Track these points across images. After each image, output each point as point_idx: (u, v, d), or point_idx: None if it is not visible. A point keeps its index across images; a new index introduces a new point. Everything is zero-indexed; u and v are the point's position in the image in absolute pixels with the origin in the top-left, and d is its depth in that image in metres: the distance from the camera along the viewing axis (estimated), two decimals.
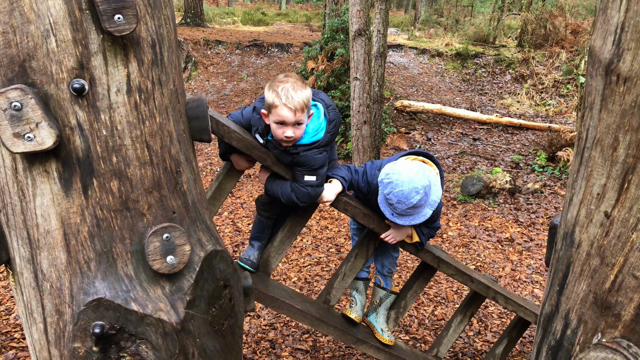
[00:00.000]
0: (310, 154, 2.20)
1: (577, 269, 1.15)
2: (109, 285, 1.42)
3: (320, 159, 2.23)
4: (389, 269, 2.95)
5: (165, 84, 1.49)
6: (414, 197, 2.28)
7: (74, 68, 1.28)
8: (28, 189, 1.35)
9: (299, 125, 2.13)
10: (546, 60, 13.07)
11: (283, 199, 2.28)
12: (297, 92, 2.08)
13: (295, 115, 2.08)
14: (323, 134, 2.23)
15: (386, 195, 2.33)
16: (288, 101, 2.05)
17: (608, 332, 1.10)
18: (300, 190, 2.25)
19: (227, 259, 1.69)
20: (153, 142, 1.45)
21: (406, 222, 2.37)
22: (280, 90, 2.07)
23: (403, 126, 9.96)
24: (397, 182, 2.29)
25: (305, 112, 2.12)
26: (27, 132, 1.24)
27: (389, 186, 2.31)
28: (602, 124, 1.03)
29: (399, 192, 2.28)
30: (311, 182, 2.24)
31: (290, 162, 2.25)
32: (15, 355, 2.99)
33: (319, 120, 2.24)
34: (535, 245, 5.49)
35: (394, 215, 2.36)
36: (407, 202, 2.29)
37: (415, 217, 2.36)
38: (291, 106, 2.06)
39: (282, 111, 2.07)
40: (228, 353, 1.70)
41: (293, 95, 2.06)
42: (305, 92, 2.11)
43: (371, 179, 2.51)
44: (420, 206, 2.33)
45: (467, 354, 3.67)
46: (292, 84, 2.09)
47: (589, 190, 1.09)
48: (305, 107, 2.10)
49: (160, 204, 1.49)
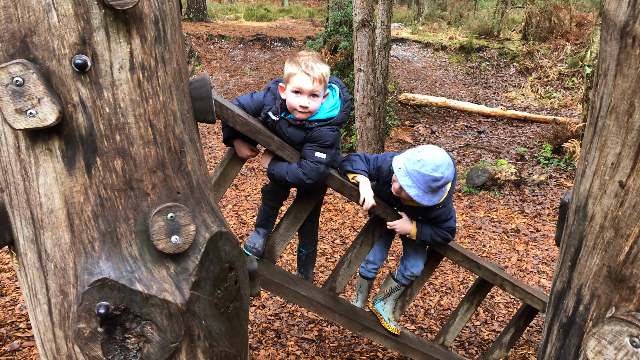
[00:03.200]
0: (324, 129, 2.25)
1: (590, 242, 1.13)
2: (114, 266, 1.40)
3: (333, 136, 2.27)
4: (410, 272, 2.83)
5: (169, 62, 1.47)
6: (445, 170, 2.26)
7: (76, 44, 1.26)
8: (31, 167, 1.34)
9: (315, 97, 2.19)
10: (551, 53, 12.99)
11: (289, 177, 2.26)
12: (317, 63, 2.17)
13: (312, 84, 2.15)
14: (338, 111, 2.29)
15: (418, 171, 2.26)
16: (307, 69, 2.14)
17: (622, 306, 1.07)
18: (309, 166, 2.23)
19: (232, 241, 1.67)
20: (157, 121, 1.44)
21: (429, 200, 2.31)
22: (301, 60, 2.16)
23: (407, 119, 9.92)
24: (426, 156, 2.28)
25: (322, 85, 2.19)
26: (29, 108, 1.22)
27: (421, 162, 2.27)
28: (617, 90, 1.00)
29: (431, 164, 2.25)
30: (321, 159, 2.24)
31: (303, 139, 2.26)
32: (21, 344, 2.99)
33: (334, 98, 2.31)
34: (542, 236, 5.45)
35: (421, 193, 2.29)
36: (438, 175, 2.25)
37: (439, 194, 2.34)
38: (310, 73, 2.14)
39: (300, 78, 2.14)
40: (234, 336, 1.68)
41: (312, 65, 2.15)
42: (324, 66, 2.20)
43: (381, 163, 2.53)
44: (446, 182, 2.31)
45: (474, 343, 3.65)
46: (312, 57, 2.19)
47: (602, 160, 1.06)
48: (323, 79, 2.18)
49: (165, 184, 1.47)
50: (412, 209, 2.54)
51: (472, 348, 3.59)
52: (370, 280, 2.94)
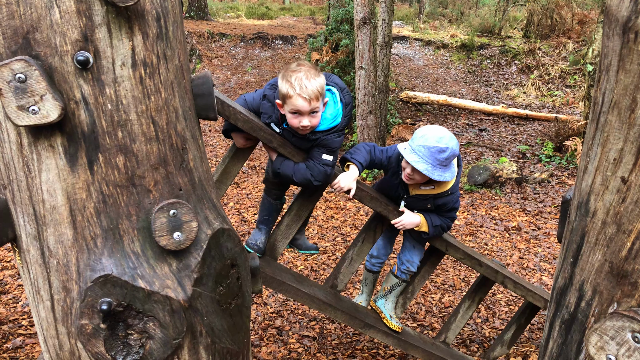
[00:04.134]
0: (330, 137, 2.23)
1: (592, 238, 1.13)
2: (116, 262, 1.41)
3: (338, 141, 2.27)
4: (407, 267, 2.85)
5: (171, 59, 1.47)
6: (449, 141, 2.31)
7: (78, 40, 1.26)
8: (33, 164, 1.34)
9: (315, 114, 2.14)
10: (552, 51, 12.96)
11: (296, 178, 2.26)
12: (311, 80, 2.06)
13: (310, 105, 2.07)
14: (341, 118, 2.25)
15: (423, 145, 2.31)
16: (302, 91, 2.04)
17: (624, 302, 1.07)
18: (317, 168, 2.24)
19: (234, 238, 1.67)
20: (159, 118, 1.44)
21: (439, 175, 2.33)
22: (294, 80, 2.06)
23: (408, 117, 9.92)
24: (428, 131, 2.35)
25: (320, 100, 2.11)
26: (32, 105, 1.23)
27: (424, 137, 2.33)
28: (619, 86, 1.00)
29: (434, 136, 2.31)
30: (328, 161, 2.25)
31: (309, 147, 2.27)
32: (23, 342, 3.00)
33: (336, 106, 2.25)
34: (543, 234, 5.45)
35: (431, 168, 2.31)
36: (442, 146, 2.29)
37: (448, 169, 2.36)
38: (305, 96, 2.05)
39: (297, 101, 2.06)
40: (236, 332, 1.69)
41: (307, 85, 2.05)
42: (319, 80, 2.10)
43: (391, 154, 2.56)
44: (453, 155, 2.34)
45: (475, 340, 3.66)
46: (305, 73, 2.07)
47: (604, 156, 1.06)
48: (319, 95, 2.10)
49: (167, 180, 1.48)
50: (421, 198, 2.54)
51: (473, 345, 3.60)
52: (375, 274, 2.95)
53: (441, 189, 2.50)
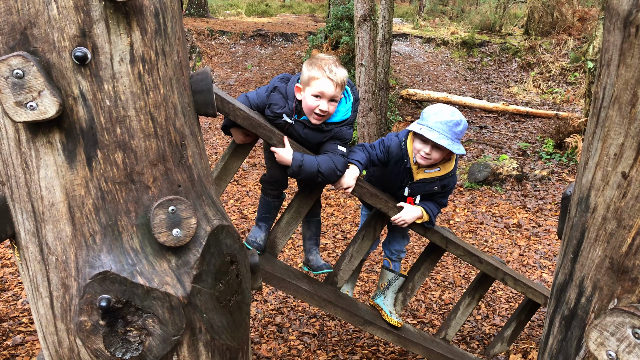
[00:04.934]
0: (343, 129, 2.34)
1: (593, 234, 1.12)
2: (115, 259, 1.41)
3: (350, 133, 2.38)
4: (397, 255, 2.93)
5: (169, 55, 1.46)
6: (459, 115, 2.45)
7: (76, 36, 1.25)
8: (32, 160, 1.33)
9: (334, 102, 2.23)
10: (553, 48, 12.94)
11: (322, 168, 2.26)
12: (339, 68, 2.20)
13: (335, 89, 2.17)
14: (351, 112, 2.35)
15: (440, 121, 2.39)
16: (331, 74, 2.16)
17: (625, 297, 1.07)
18: (338, 159, 2.32)
19: (233, 235, 1.67)
20: (157, 114, 1.43)
21: (458, 149, 2.39)
22: (324, 64, 2.17)
23: (409, 115, 9.90)
24: (438, 108, 2.48)
25: (342, 89, 2.22)
26: (30, 101, 1.22)
27: (438, 113, 2.43)
28: (620, 80, 0.99)
29: (447, 111, 2.43)
30: (344, 152, 2.36)
31: (321, 141, 2.33)
32: (23, 339, 3.00)
33: (348, 101, 2.35)
34: (544, 231, 5.45)
35: (451, 142, 2.38)
36: (457, 119, 2.41)
37: (459, 143, 2.44)
38: (333, 78, 2.16)
39: (323, 83, 2.16)
40: (235, 329, 1.69)
41: (335, 70, 2.17)
42: (344, 71, 2.23)
43: (389, 144, 2.58)
44: (465, 128, 2.46)
45: (475, 337, 3.65)
46: (334, 61, 2.21)
47: (605, 151, 1.06)
48: (344, 84, 2.21)
49: (166, 177, 1.47)
50: (427, 181, 2.57)
51: (473, 342, 3.60)
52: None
53: (446, 169, 2.56)
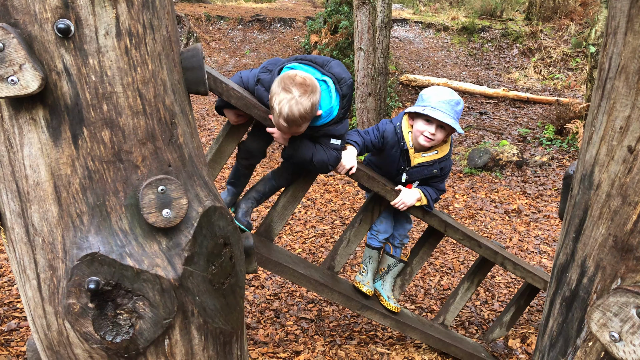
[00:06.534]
0: (330, 128, 2.23)
1: (596, 212, 1.08)
2: (103, 240, 1.37)
3: (341, 127, 2.28)
4: (400, 240, 2.88)
5: (158, 29, 1.41)
6: (455, 93, 2.48)
7: (58, 7, 1.20)
8: (15, 138, 1.29)
9: (298, 128, 2.11)
10: (555, 34, 12.81)
11: (315, 159, 2.25)
12: (297, 106, 1.98)
13: (290, 129, 2.08)
14: (337, 111, 2.20)
15: (442, 100, 2.41)
16: (282, 117, 2.01)
17: (629, 277, 1.03)
18: (330, 153, 2.26)
19: (227, 217, 1.63)
20: (146, 91, 1.38)
21: (459, 127, 2.42)
22: (278, 104, 2.00)
23: (408, 101, 9.82)
24: (435, 89, 2.50)
25: (303, 123, 2.07)
26: (11, 75, 1.17)
27: (438, 94, 2.45)
28: (627, 49, 0.94)
29: (446, 91, 2.45)
30: (337, 146, 2.29)
31: (311, 137, 2.26)
32: (18, 324, 2.98)
33: (330, 101, 2.16)
34: (543, 217, 5.42)
35: (454, 121, 2.41)
36: (457, 99, 2.45)
37: (458, 122, 2.46)
38: (284, 123, 2.03)
39: (278, 121, 2.05)
40: (229, 313, 1.65)
41: (288, 113, 1.99)
42: (306, 104, 2.00)
43: (384, 129, 2.55)
44: (463, 107, 2.51)
45: (474, 322, 3.64)
46: (294, 98, 1.98)
47: (610, 124, 1.01)
48: (303, 119, 2.04)
49: (155, 156, 1.42)
50: (425, 165, 2.56)
51: (472, 327, 3.58)
52: (379, 250, 2.92)
53: (443, 152, 2.54)
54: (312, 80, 2.04)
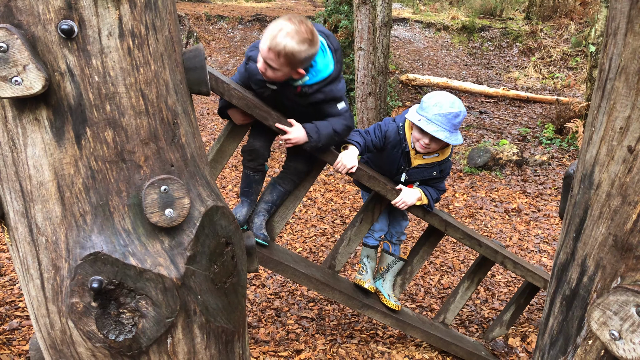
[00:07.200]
0: (332, 88, 2.20)
1: (596, 211, 1.09)
2: (106, 239, 1.37)
3: (341, 87, 2.25)
4: (397, 237, 2.92)
5: (160, 30, 1.42)
6: (459, 104, 2.39)
7: (62, 8, 1.21)
8: (19, 138, 1.30)
9: (275, 70, 2.05)
10: (554, 33, 12.81)
11: (338, 128, 2.24)
12: (286, 40, 1.96)
13: (267, 59, 2.01)
14: (333, 64, 2.19)
15: (439, 113, 2.35)
16: (267, 39, 1.99)
17: (629, 276, 1.04)
18: (347, 117, 2.26)
19: (228, 216, 1.64)
20: (148, 91, 1.39)
21: (456, 139, 2.38)
22: (276, 26, 1.99)
23: (409, 100, 9.83)
24: (437, 98, 2.40)
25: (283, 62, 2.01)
26: (15, 76, 1.18)
27: (438, 104, 2.37)
28: (627, 50, 0.95)
29: (446, 102, 2.36)
30: (345, 108, 2.27)
31: (308, 105, 2.21)
32: (20, 323, 2.99)
33: (325, 55, 2.17)
34: (543, 216, 5.43)
35: (449, 134, 2.37)
36: (456, 111, 2.36)
37: (458, 132, 2.41)
38: (264, 47, 2.00)
39: (262, 43, 2.03)
40: (231, 312, 1.66)
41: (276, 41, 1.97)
42: (296, 47, 1.97)
43: (386, 129, 2.54)
44: (464, 117, 2.42)
45: (474, 321, 3.65)
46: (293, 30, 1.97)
47: (610, 125, 1.02)
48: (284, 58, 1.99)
49: (158, 156, 1.43)
50: (426, 166, 2.56)
51: (472, 326, 3.59)
52: (375, 248, 2.93)
53: (444, 154, 2.55)
54: (316, 36, 2.04)
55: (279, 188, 2.50)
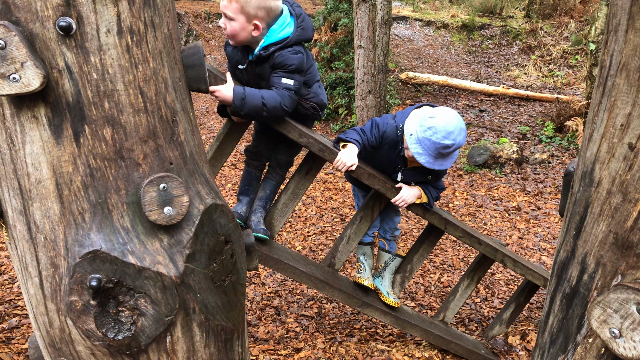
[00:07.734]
0: (285, 53, 2.09)
1: (596, 209, 1.09)
2: (105, 237, 1.37)
3: (296, 59, 2.12)
4: (391, 233, 2.92)
5: (159, 27, 1.41)
6: (457, 135, 2.25)
7: (60, 5, 1.20)
8: (17, 135, 1.29)
9: (231, 21, 2.04)
10: (554, 31, 12.80)
11: (266, 102, 2.07)
12: None
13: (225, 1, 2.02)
14: (293, 28, 2.12)
15: (429, 138, 2.25)
16: None
17: (629, 274, 1.04)
18: (282, 92, 2.10)
19: (228, 214, 1.63)
20: (147, 89, 1.38)
21: (440, 165, 2.32)
22: None
23: (408, 98, 9.82)
24: (438, 123, 2.25)
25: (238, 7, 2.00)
26: (12, 73, 1.17)
27: (433, 129, 2.25)
28: (628, 46, 0.95)
29: (443, 130, 2.23)
30: (288, 85, 2.11)
31: (269, 71, 2.15)
32: (19, 322, 2.98)
33: (285, 20, 2.12)
34: (543, 214, 5.43)
35: (432, 160, 2.29)
36: (449, 143, 2.24)
37: (450, 159, 2.33)
38: None
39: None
40: (230, 310, 1.66)
41: None
42: None
43: (384, 129, 2.50)
44: (457, 148, 2.31)
45: (474, 319, 3.65)
46: None
47: (611, 122, 1.02)
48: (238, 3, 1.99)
49: (156, 153, 1.43)
50: (419, 169, 2.53)
51: (472, 324, 3.59)
52: (370, 245, 2.93)
53: None
54: None
55: (270, 182, 2.53)
